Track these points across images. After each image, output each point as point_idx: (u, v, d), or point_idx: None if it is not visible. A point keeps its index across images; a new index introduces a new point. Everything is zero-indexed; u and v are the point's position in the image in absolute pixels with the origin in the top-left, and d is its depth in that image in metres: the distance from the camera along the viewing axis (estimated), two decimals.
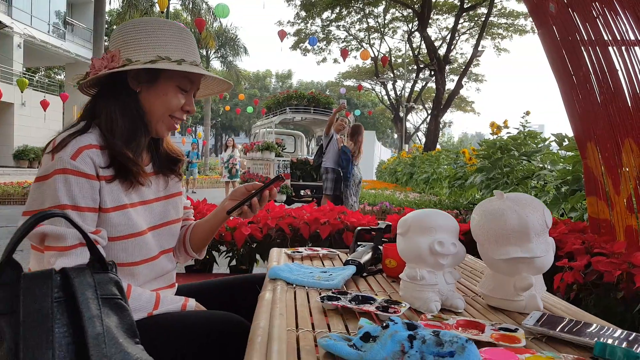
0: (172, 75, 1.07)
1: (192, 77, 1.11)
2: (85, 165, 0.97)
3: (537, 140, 6.61)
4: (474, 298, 1.05)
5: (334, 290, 1.01)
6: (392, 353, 0.65)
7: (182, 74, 1.08)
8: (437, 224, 0.93)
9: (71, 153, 0.96)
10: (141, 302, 1.02)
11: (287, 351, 0.69)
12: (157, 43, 1.05)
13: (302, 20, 23.79)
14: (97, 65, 1.05)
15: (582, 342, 0.75)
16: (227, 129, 51.33)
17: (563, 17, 2.96)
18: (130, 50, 1.04)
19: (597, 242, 2.69)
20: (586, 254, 2.54)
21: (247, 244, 3.51)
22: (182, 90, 1.10)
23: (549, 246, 0.92)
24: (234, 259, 3.57)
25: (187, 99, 1.12)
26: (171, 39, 1.07)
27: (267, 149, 8.64)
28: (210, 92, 1.29)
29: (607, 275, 2.27)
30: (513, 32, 22.73)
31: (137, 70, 1.05)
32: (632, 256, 2.24)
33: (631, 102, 2.61)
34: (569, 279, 2.37)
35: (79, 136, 0.99)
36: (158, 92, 1.08)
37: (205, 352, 0.97)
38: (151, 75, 1.06)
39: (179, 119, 1.13)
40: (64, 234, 0.92)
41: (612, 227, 2.92)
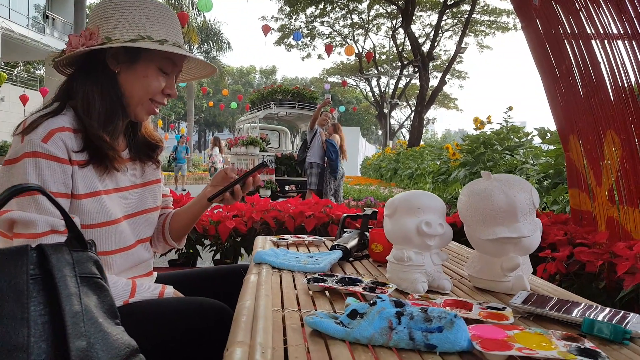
0: (153, 56, 1.02)
1: (174, 59, 1.06)
2: (57, 149, 0.92)
3: (519, 134, 6.70)
4: (460, 281, 1.05)
5: (320, 273, 1.00)
6: (379, 329, 0.64)
7: (164, 55, 1.03)
8: (424, 205, 0.92)
9: (42, 135, 0.91)
10: (117, 290, 0.99)
11: (272, 329, 0.68)
12: (138, 21, 1.00)
13: (286, 15, 23.71)
14: (74, 43, 0.99)
15: (569, 320, 0.75)
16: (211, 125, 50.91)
17: (547, 11, 2.99)
18: (109, 28, 0.99)
19: (579, 233, 2.73)
20: (568, 245, 2.57)
21: (231, 238, 3.47)
22: (164, 72, 1.05)
23: (536, 226, 0.92)
24: (218, 253, 3.53)
25: (168, 82, 1.07)
26: (154, 17, 1.02)
27: (252, 144, 8.57)
28: (192, 77, 1.23)
29: (589, 265, 2.30)
30: (496, 30, 22.99)
31: (116, 50, 1.00)
32: (614, 246, 2.28)
33: (613, 95, 2.64)
34: (551, 269, 2.39)
35: (52, 118, 0.95)
36: (138, 74, 1.02)
37: (185, 338, 0.94)
38: (131, 55, 1.01)
39: (160, 103, 1.08)
40: (34, 220, 0.88)
41: (593, 218, 2.96)
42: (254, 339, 0.63)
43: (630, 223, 2.59)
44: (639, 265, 2.02)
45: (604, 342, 0.69)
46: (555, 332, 0.68)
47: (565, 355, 0.59)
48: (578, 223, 3.10)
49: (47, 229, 0.89)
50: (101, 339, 0.67)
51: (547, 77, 3.17)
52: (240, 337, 0.64)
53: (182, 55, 1.06)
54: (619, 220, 2.70)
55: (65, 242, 0.71)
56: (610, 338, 0.69)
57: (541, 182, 4.62)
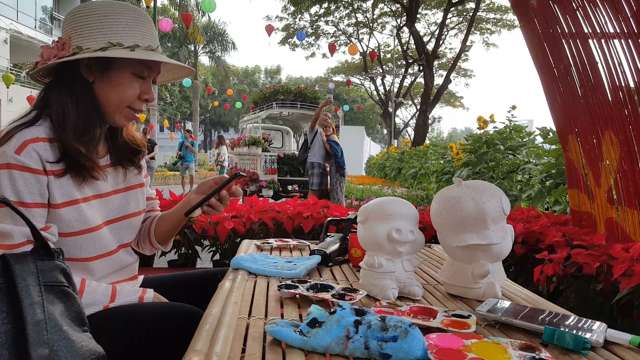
0: (125, 63, 1.01)
1: (149, 63, 1.04)
2: (30, 160, 0.92)
3: (522, 134, 6.65)
4: (435, 286, 1.05)
5: (294, 279, 1.00)
6: (336, 338, 0.65)
7: (137, 60, 1.01)
8: (396, 212, 0.93)
9: (15, 147, 0.91)
10: (96, 295, 1.00)
11: (233, 337, 0.69)
12: (108, 28, 0.99)
13: (291, 14, 23.72)
14: (46, 55, 0.99)
15: (532, 328, 0.75)
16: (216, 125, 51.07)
17: (544, 10, 2.97)
18: (80, 37, 0.99)
19: (577, 234, 2.71)
20: (566, 247, 2.56)
21: (230, 239, 3.49)
22: (139, 77, 1.04)
23: (507, 233, 0.92)
24: (217, 254, 3.55)
25: (144, 87, 1.05)
26: (124, 23, 1.00)
27: (254, 144, 8.60)
28: (171, 77, 1.22)
29: (586, 267, 2.28)
30: (501, 27, 22.84)
31: (88, 59, 0.99)
32: (611, 248, 2.26)
33: (611, 95, 2.62)
34: (548, 271, 2.38)
35: (26, 129, 0.94)
36: (112, 82, 1.01)
37: (158, 343, 0.95)
38: (103, 63, 1.00)
39: (138, 110, 1.07)
40: (10, 232, 0.89)
41: (593, 219, 2.94)
42: (213, 347, 0.64)
43: (629, 224, 2.57)
44: (636, 267, 2.00)
45: (565, 351, 0.69)
46: (514, 342, 0.68)
47: None
48: (578, 224, 3.08)
49: (23, 240, 0.90)
50: (65, 347, 0.68)
51: (546, 77, 3.16)
52: (199, 346, 0.65)
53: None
54: (617, 222, 2.68)
55: (31, 251, 0.73)
56: (570, 348, 0.69)
57: (543, 182, 4.59)
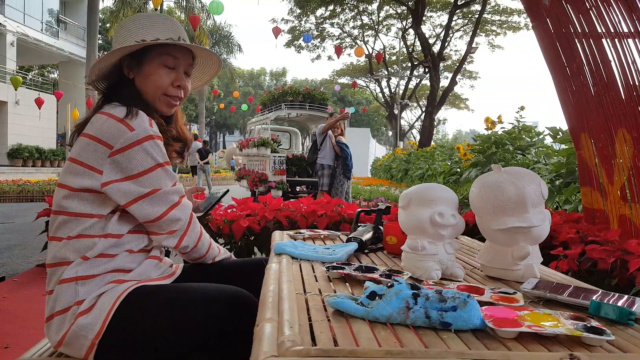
0: (153, 56, 1.17)
1: (174, 53, 1.19)
2: (158, 131, 1.11)
3: (531, 134, 6.67)
4: (472, 271, 1.09)
5: (338, 262, 1.04)
6: (397, 309, 0.69)
7: (162, 52, 1.17)
8: (437, 197, 0.97)
9: (147, 121, 1.09)
10: None
11: (297, 309, 0.73)
12: (135, 30, 1.16)
13: (296, 17, 23.81)
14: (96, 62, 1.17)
15: (577, 303, 0.79)
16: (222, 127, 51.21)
17: (557, 10, 3.00)
18: (117, 44, 1.17)
19: (591, 231, 2.74)
20: (580, 243, 2.58)
21: (245, 237, 3.52)
22: (167, 67, 1.18)
23: (545, 217, 0.95)
24: (232, 252, 3.58)
25: (176, 76, 1.20)
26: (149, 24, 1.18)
27: (263, 145, 8.64)
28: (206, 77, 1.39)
29: (601, 263, 2.31)
30: (507, 29, 22.84)
31: (128, 61, 1.17)
32: (626, 243, 2.29)
33: (624, 93, 2.65)
34: (563, 267, 2.41)
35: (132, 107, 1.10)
36: (145, 74, 1.17)
37: (212, 323, 1.01)
38: (137, 60, 1.17)
39: (174, 96, 1.21)
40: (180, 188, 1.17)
41: (605, 216, 2.96)
42: (282, 316, 0.68)
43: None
44: None
45: (610, 323, 0.73)
46: (563, 313, 0.72)
47: (572, 332, 0.64)
48: (590, 221, 3.11)
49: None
50: None
51: (558, 76, 3.18)
52: (269, 315, 0.69)
53: (181, 48, 1.19)
54: (631, 218, 2.71)
55: None
56: (616, 319, 0.73)
57: (553, 182, 4.61)
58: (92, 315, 1.01)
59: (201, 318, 1.01)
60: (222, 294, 1.05)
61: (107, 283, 1.06)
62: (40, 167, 18.00)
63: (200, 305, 1.03)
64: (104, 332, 0.99)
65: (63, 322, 1.02)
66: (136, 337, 1.01)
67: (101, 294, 1.04)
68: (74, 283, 1.03)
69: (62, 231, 1.07)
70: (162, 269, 1.20)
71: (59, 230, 1.08)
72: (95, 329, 0.99)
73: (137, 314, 1.02)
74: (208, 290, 1.07)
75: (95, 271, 1.05)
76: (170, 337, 1.01)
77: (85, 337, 0.99)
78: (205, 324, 1.01)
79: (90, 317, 1.00)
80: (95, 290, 1.04)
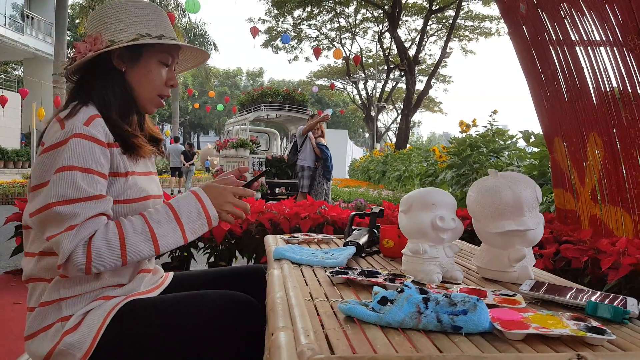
0: (153, 52, 1.12)
1: (171, 51, 1.15)
2: (97, 132, 0.99)
3: (504, 137, 6.85)
4: (468, 273, 1.12)
5: (340, 267, 1.06)
6: (409, 313, 0.71)
7: (162, 49, 1.12)
8: (438, 201, 0.99)
9: (83, 119, 0.99)
10: None
11: (309, 316, 0.74)
12: (136, 21, 1.09)
13: (274, 17, 23.74)
14: (82, 49, 1.07)
15: (574, 304, 0.83)
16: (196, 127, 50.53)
17: (533, 18, 3.09)
18: (111, 32, 1.08)
19: (564, 231, 2.84)
20: (555, 242, 2.68)
21: (226, 240, 3.47)
22: (164, 64, 1.14)
23: (540, 220, 1.00)
24: (212, 256, 3.53)
25: (169, 74, 1.16)
26: (148, 16, 1.11)
27: (242, 147, 8.58)
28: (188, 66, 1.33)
29: (574, 262, 2.40)
30: (479, 35, 23.37)
31: (120, 51, 1.08)
32: (598, 243, 2.39)
33: (596, 99, 2.75)
34: (539, 266, 2.48)
35: (85, 107, 1.02)
36: (142, 70, 1.11)
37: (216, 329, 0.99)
38: (134, 53, 1.10)
39: (166, 96, 1.17)
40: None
41: (577, 217, 3.07)
42: (295, 324, 0.69)
43: (612, 221, 2.71)
44: (622, 260, 2.12)
45: (605, 322, 0.77)
46: (564, 314, 0.75)
47: (577, 332, 0.67)
48: (563, 221, 3.22)
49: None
50: None
51: (533, 82, 3.28)
52: (281, 323, 0.69)
53: (177, 46, 1.15)
54: (601, 218, 2.82)
55: None
56: (611, 319, 0.77)
57: None
58: (79, 333, 0.96)
59: (200, 327, 0.99)
60: (223, 299, 1.03)
61: (94, 300, 1.01)
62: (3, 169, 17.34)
63: (200, 314, 1.00)
64: (94, 351, 0.95)
65: (46, 340, 0.97)
66: (132, 354, 0.97)
67: (88, 311, 1.00)
68: (56, 303, 0.99)
69: (34, 246, 1.02)
70: (152, 281, 1.17)
71: (32, 245, 1.02)
72: (84, 347, 0.95)
73: (131, 330, 0.98)
74: (207, 298, 1.04)
75: (81, 290, 1.00)
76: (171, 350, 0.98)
77: (73, 356, 0.95)
78: (207, 333, 0.98)
79: (78, 335, 0.96)
80: (81, 307, 1.00)
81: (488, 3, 20.05)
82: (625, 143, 2.48)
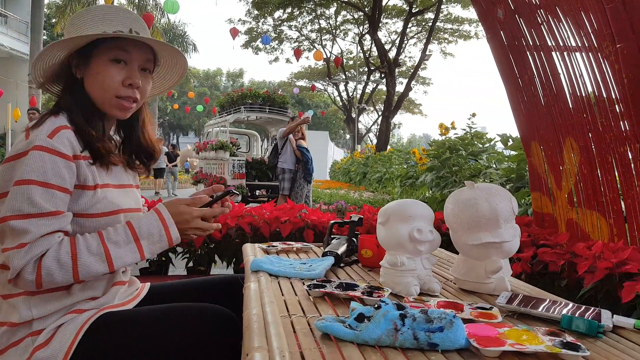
0: (103, 51, 1.03)
1: (125, 47, 1.04)
2: (61, 145, 0.94)
3: (483, 140, 6.95)
4: (445, 283, 1.12)
5: (318, 279, 1.05)
6: (386, 331, 0.70)
7: (114, 46, 1.03)
8: (416, 213, 0.99)
9: (48, 131, 0.95)
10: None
11: (284, 333, 0.72)
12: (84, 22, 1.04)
13: (254, 18, 23.64)
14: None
15: (549, 317, 0.83)
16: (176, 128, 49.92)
17: (510, 23, 3.13)
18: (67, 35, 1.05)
19: (541, 234, 2.88)
20: (532, 246, 2.72)
21: (205, 245, 3.43)
22: (117, 62, 1.04)
23: (516, 232, 1.00)
24: (191, 261, 3.48)
25: (127, 72, 1.05)
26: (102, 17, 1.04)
27: (222, 149, 8.50)
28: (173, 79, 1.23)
29: (551, 265, 2.44)
30: (458, 37, 23.70)
31: (77, 60, 1.04)
32: (574, 246, 2.43)
33: (572, 104, 2.80)
34: (517, 269, 2.52)
35: (55, 117, 0.99)
36: (92, 73, 1.04)
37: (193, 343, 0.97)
38: (84, 57, 1.04)
39: (126, 97, 1.05)
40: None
41: (554, 220, 3.13)
42: (270, 344, 0.68)
43: (588, 224, 2.76)
44: (598, 264, 2.16)
45: (581, 336, 0.78)
46: (539, 329, 0.76)
47: (552, 349, 0.67)
48: (540, 225, 3.27)
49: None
50: None
51: (511, 87, 3.33)
52: (257, 343, 0.68)
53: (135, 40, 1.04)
54: (577, 222, 2.87)
55: None
56: (586, 332, 0.77)
57: (504, 186, 4.82)
58: (51, 348, 0.93)
59: (178, 341, 0.97)
60: (200, 313, 1.01)
61: (65, 314, 0.98)
62: None
63: (177, 327, 0.98)
64: None
65: (15, 356, 0.94)
66: None
67: (60, 324, 0.97)
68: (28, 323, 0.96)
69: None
70: (127, 293, 1.14)
71: None
72: None
73: (105, 344, 0.96)
74: (184, 311, 1.02)
75: (53, 308, 0.97)
76: None
77: None
78: (184, 347, 0.96)
79: (50, 350, 0.92)
80: (52, 321, 0.97)
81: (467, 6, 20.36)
82: (601, 148, 2.53)
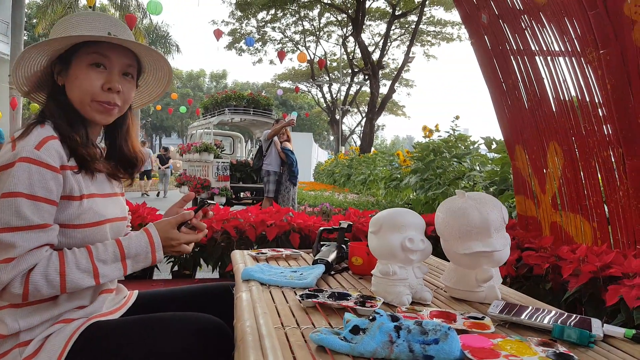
0: (81, 56, 1.03)
1: (105, 52, 1.04)
2: (48, 156, 0.93)
3: (467, 143, 7.02)
4: (436, 291, 1.13)
5: (309, 288, 1.04)
6: (381, 343, 0.70)
7: (92, 50, 1.03)
8: (407, 222, 0.99)
9: (35, 142, 0.93)
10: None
11: (279, 347, 0.71)
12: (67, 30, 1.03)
13: (237, 20, 23.53)
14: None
15: (541, 326, 0.84)
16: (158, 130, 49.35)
17: (494, 28, 3.17)
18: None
19: (526, 237, 2.92)
20: (517, 249, 2.75)
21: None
22: (97, 66, 1.04)
23: (507, 241, 1.01)
24: (176, 265, 3.44)
25: (107, 77, 1.04)
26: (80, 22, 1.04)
27: (206, 151, 8.42)
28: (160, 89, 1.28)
29: (536, 268, 2.47)
30: (441, 40, 23.95)
31: (59, 66, 1.04)
32: (559, 250, 2.47)
33: (555, 108, 2.84)
34: (502, 272, 2.54)
35: (41, 127, 0.97)
36: (72, 78, 1.03)
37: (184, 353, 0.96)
38: (64, 64, 1.04)
39: (105, 102, 1.04)
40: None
41: (538, 223, 3.17)
42: (266, 357, 0.67)
43: (572, 227, 2.81)
44: (582, 267, 2.20)
45: (572, 345, 0.78)
46: (532, 339, 0.76)
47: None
48: (524, 228, 3.31)
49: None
50: None
51: (495, 91, 3.37)
52: (253, 357, 0.67)
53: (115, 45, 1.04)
54: (561, 225, 2.91)
55: None
56: (577, 342, 0.78)
57: (487, 189, 4.87)
58: (40, 359, 0.92)
59: (170, 351, 0.95)
60: (190, 322, 1.00)
61: (53, 324, 0.97)
62: None
63: (167, 337, 0.97)
64: None
65: None
66: None
67: (49, 335, 0.96)
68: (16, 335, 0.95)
69: None
70: (115, 301, 1.12)
71: None
72: None
73: (95, 354, 0.94)
74: (174, 321, 1.01)
75: (40, 319, 0.96)
76: None
77: None
78: (174, 357, 0.95)
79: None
80: (40, 331, 0.96)
81: (449, 9, 20.58)
82: (584, 152, 2.57)
